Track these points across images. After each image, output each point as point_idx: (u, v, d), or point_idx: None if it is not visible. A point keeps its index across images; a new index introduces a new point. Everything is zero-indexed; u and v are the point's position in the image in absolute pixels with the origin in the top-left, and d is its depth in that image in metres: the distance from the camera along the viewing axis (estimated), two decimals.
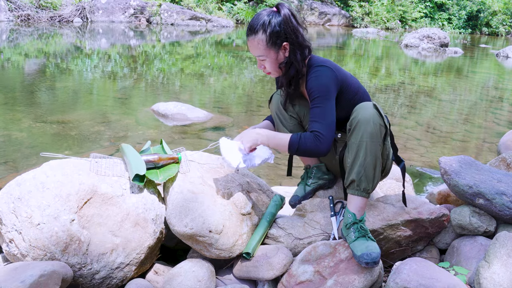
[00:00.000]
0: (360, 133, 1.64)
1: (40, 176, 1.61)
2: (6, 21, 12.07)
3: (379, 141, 1.66)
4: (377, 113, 1.65)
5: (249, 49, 1.80)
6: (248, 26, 1.76)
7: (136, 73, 6.88)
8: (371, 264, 1.52)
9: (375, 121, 1.64)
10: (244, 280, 1.74)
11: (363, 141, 1.64)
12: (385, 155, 1.78)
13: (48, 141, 3.59)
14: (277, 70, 1.81)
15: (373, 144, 1.64)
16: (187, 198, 1.72)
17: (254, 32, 1.73)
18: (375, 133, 1.64)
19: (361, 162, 1.65)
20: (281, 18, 1.72)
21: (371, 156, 1.65)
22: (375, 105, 1.67)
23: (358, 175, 1.65)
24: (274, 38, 1.72)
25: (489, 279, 1.49)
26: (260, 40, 1.72)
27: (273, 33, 1.71)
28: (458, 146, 4.11)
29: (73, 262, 1.51)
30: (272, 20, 1.71)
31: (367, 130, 1.63)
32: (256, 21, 1.73)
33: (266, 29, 1.71)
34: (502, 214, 1.77)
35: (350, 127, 1.69)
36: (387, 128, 1.70)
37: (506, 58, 11.98)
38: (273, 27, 1.71)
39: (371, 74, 8.28)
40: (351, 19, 19.83)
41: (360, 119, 1.64)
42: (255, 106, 5.23)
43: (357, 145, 1.65)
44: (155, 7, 14.44)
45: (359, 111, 1.66)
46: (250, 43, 1.76)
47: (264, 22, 1.71)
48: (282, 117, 1.93)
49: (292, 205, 2.06)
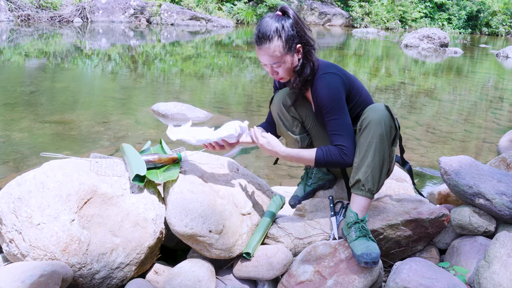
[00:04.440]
0: (371, 133, 1.64)
1: (40, 176, 1.61)
2: (6, 21, 12.07)
3: (389, 142, 1.66)
4: (388, 115, 1.65)
5: (259, 58, 1.72)
6: (258, 35, 1.68)
7: (136, 73, 6.88)
8: (370, 264, 1.52)
9: (386, 122, 1.64)
10: (244, 280, 1.74)
11: (373, 142, 1.64)
12: (391, 157, 1.78)
13: (48, 141, 3.59)
14: (291, 74, 1.77)
15: (382, 145, 1.64)
16: (187, 198, 1.72)
17: (268, 40, 1.65)
18: (385, 135, 1.64)
19: (368, 162, 1.65)
20: (292, 20, 1.68)
21: (379, 157, 1.65)
22: (387, 106, 1.67)
23: (364, 175, 1.65)
24: (291, 42, 1.67)
25: (489, 279, 1.49)
26: (277, 47, 1.66)
27: (289, 37, 1.66)
28: (458, 146, 4.11)
29: (73, 262, 1.51)
30: (284, 24, 1.66)
31: (378, 131, 1.63)
32: (266, 28, 1.66)
33: (281, 34, 1.65)
34: (502, 214, 1.77)
35: (361, 127, 1.68)
36: (397, 130, 1.70)
37: (506, 58, 11.98)
38: (288, 31, 1.66)
39: (371, 74, 8.28)
40: (351, 19, 19.83)
41: (372, 120, 1.64)
42: (255, 106, 5.23)
43: (366, 145, 1.65)
44: (155, 7, 14.44)
45: (371, 112, 1.66)
46: (264, 51, 1.68)
47: (277, 28, 1.65)
48: (284, 118, 1.93)
49: (292, 205, 2.06)
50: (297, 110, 1.92)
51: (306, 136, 1.94)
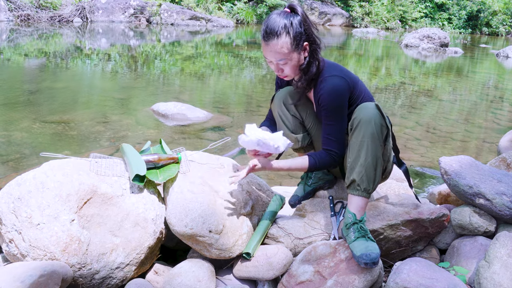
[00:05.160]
0: (362, 133, 1.64)
1: (40, 176, 1.61)
2: (6, 21, 12.07)
3: (380, 141, 1.66)
4: (379, 114, 1.65)
5: (265, 54, 1.71)
6: (266, 30, 1.66)
7: (136, 73, 6.88)
8: (370, 264, 1.52)
9: (376, 121, 1.64)
10: (244, 280, 1.73)
11: (364, 141, 1.64)
12: (386, 157, 1.78)
13: (48, 141, 3.59)
14: (297, 72, 1.76)
15: (374, 144, 1.64)
16: (187, 198, 1.72)
17: (276, 36, 1.64)
18: (376, 134, 1.64)
19: (361, 162, 1.65)
20: (300, 18, 1.67)
21: (372, 156, 1.64)
22: (377, 105, 1.67)
23: (359, 175, 1.65)
24: (298, 39, 1.67)
25: (489, 279, 1.49)
26: (285, 43, 1.65)
27: (297, 34, 1.66)
28: (458, 146, 4.10)
29: (73, 262, 1.51)
30: (293, 21, 1.65)
31: (369, 130, 1.63)
32: (274, 25, 1.65)
33: (289, 31, 1.64)
34: (502, 214, 1.77)
35: (352, 127, 1.69)
36: (388, 128, 1.70)
37: (506, 58, 11.98)
38: (296, 28, 1.65)
39: (371, 74, 8.27)
40: (351, 19, 19.82)
41: (362, 119, 1.64)
42: (255, 106, 5.23)
43: (358, 145, 1.65)
44: (155, 7, 14.44)
45: (361, 111, 1.66)
46: (271, 47, 1.67)
47: (285, 24, 1.64)
48: (284, 117, 1.93)
49: (292, 205, 2.06)
50: (298, 110, 1.92)
51: (306, 135, 1.94)
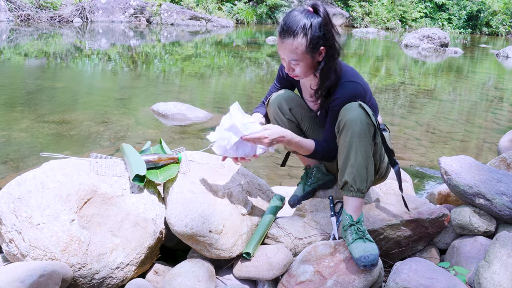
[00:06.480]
0: (349, 133, 1.62)
1: (40, 176, 1.61)
2: (6, 21, 12.07)
3: (369, 140, 1.64)
4: (363, 112, 1.62)
5: (279, 50, 1.66)
6: (284, 27, 1.61)
7: (136, 73, 6.88)
8: (368, 266, 1.52)
9: (362, 120, 1.61)
10: (244, 280, 1.73)
11: (352, 142, 1.62)
12: (378, 155, 1.76)
13: (48, 141, 3.58)
14: (307, 74, 1.72)
15: (362, 143, 1.63)
16: (187, 198, 1.72)
17: (293, 35, 1.59)
18: (363, 133, 1.62)
19: (352, 163, 1.64)
20: (321, 20, 1.61)
21: (362, 156, 1.63)
22: (360, 104, 1.64)
23: (350, 176, 1.65)
24: (315, 43, 1.61)
25: (489, 279, 1.49)
26: (300, 45, 1.60)
27: (314, 38, 1.60)
28: (458, 146, 4.10)
29: (73, 262, 1.51)
30: (313, 23, 1.59)
31: (355, 130, 1.61)
32: (293, 23, 1.59)
33: (307, 33, 1.58)
34: (502, 214, 1.77)
35: (338, 129, 1.67)
36: (375, 126, 1.67)
37: (506, 58, 11.98)
38: (314, 31, 1.59)
39: (371, 74, 8.27)
40: (351, 19, 19.82)
41: (347, 120, 1.62)
42: (255, 106, 5.23)
43: (347, 146, 1.64)
44: (155, 7, 14.44)
45: (346, 112, 1.64)
46: (285, 46, 1.62)
47: (304, 25, 1.58)
48: (280, 121, 1.94)
49: (292, 205, 2.06)
50: (293, 113, 1.93)
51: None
